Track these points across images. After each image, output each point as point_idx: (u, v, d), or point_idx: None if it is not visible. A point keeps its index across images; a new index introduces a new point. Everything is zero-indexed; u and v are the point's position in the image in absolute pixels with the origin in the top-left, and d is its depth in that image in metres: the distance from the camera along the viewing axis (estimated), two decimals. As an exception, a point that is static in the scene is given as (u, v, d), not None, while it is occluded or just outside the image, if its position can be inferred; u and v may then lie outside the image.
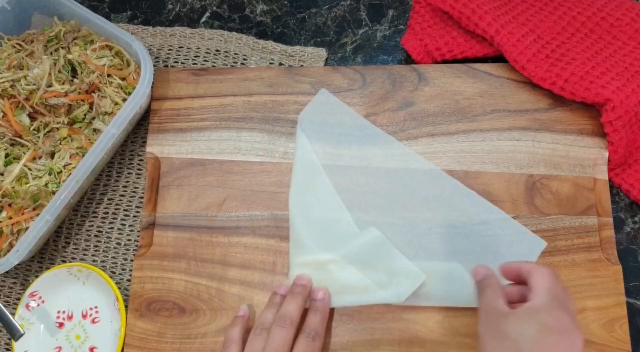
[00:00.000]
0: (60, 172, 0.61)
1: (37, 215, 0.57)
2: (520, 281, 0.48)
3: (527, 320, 0.42)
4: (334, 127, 0.61)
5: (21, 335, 0.58)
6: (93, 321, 0.61)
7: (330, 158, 0.61)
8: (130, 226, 0.64)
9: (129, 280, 0.62)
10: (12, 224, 0.59)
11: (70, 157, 0.61)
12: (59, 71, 0.62)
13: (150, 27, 0.70)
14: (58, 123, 0.62)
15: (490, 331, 0.44)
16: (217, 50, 0.68)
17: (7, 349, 0.62)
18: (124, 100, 0.62)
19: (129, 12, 0.72)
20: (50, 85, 0.62)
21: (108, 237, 0.64)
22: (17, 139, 0.62)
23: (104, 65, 0.62)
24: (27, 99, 0.62)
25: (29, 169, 0.61)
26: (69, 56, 0.63)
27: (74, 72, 0.64)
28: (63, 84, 0.62)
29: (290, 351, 0.49)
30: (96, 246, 0.64)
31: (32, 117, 0.63)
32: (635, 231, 0.60)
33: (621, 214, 0.60)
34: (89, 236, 0.64)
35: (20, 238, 0.58)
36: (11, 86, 0.62)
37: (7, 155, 0.62)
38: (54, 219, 0.57)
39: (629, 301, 0.57)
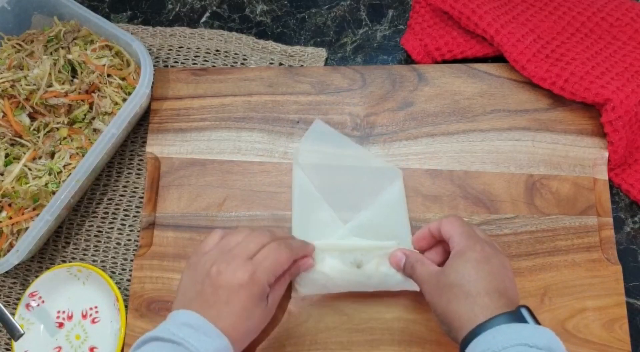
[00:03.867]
0: (60, 172, 0.61)
1: (37, 215, 0.57)
2: (434, 243, 0.53)
3: (461, 264, 0.46)
4: (331, 158, 0.60)
5: (21, 335, 0.58)
6: (93, 321, 0.61)
7: (327, 158, 0.60)
8: (130, 226, 0.64)
9: (129, 280, 0.62)
10: (12, 224, 0.59)
11: (70, 157, 0.61)
12: (59, 71, 0.62)
13: (150, 27, 0.70)
14: (58, 123, 0.62)
15: (437, 293, 0.47)
16: (217, 50, 0.68)
17: (7, 349, 0.62)
18: (124, 100, 0.62)
19: (129, 12, 0.72)
20: (50, 86, 0.62)
21: (108, 237, 0.64)
22: (17, 139, 0.62)
23: (104, 65, 0.62)
24: (27, 99, 0.62)
25: (29, 169, 0.61)
26: (69, 56, 0.63)
27: (74, 72, 0.64)
28: (63, 84, 0.62)
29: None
30: (96, 246, 0.64)
31: (32, 117, 0.63)
32: (635, 231, 0.60)
33: (621, 214, 0.60)
34: (89, 236, 0.64)
35: (20, 238, 0.58)
36: (11, 86, 0.62)
37: (7, 155, 0.62)
38: (54, 219, 0.57)
39: (629, 301, 0.57)
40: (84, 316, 0.61)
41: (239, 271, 0.47)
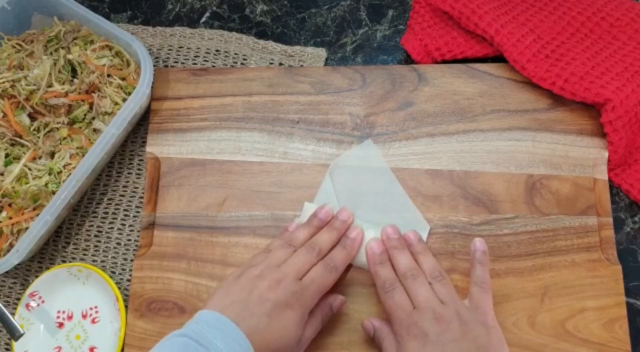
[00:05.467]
0: (60, 172, 0.61)
1: (37, 215, 0.57)
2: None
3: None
4: (365, 186, 0.60)
5: (21, 335, 0.58)
6: (93, 321, 0.61)
7: (360, 184, 0.60)
8: (130, 226, 0.64)
9: (129, 280, 0.62)
10: (12, 224, 0.59)
11: (70, 157, 0.61)
12: (59, 71, 0.62)
13: (150, 27, 0.70)
14: (58, 123, 0.62)
15: None
16: (217, 50, 0.68)
17: (7, 349, 0.62)
18: (124, 100, 0.62)
19: (129, 12, 0.72)
20: (50, 86, 0.62)
21: (108, 237, 0.64)
22: (17, 139, 0.62)
23: (104, 65, 0.62)
24: (27, 99, 0.62)
25: (29, 169, 0.61)
26: (69, 56, 0.63)
27: (74, 72, 0.64)
28: (63, 84, 0.62)
29: (305, 274, 0.50)
30: (96, 246, 0.64)
31: (32, 117, 0.63)
32: (635, 231, 0.60)
33: (621, 214, 0.60)
34: (89, 236, 0.64)
35: (20, 238, 0.58)
36: (11, 86, 0.62)
37: (7, 155, 0.62)
38: (54, 219, 0.57)
39: (629, 301, 0.57)
40: (84, 316, 0.61)
41: (289, 290, 0.48)
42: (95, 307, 0.61)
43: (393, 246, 0.53)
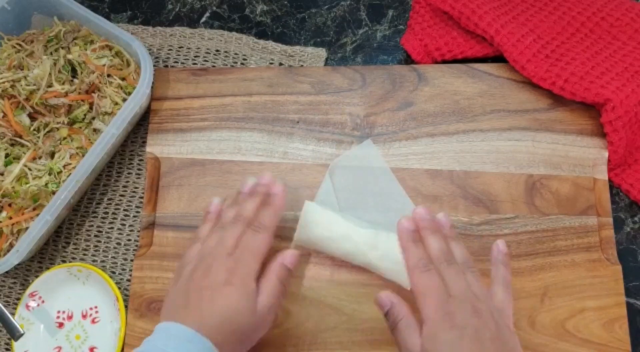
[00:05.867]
0: (60, 172, 0.61)
1: (37, 215, 0.57)
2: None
3: (440, 343, 0.43)
4: (364, 185, 0.59)
5: (21, 335, 0.58)
6: (93, 321, 0.61)
7: (360, 184, 0.60)
8: (130, 226, 0.64)
9: (129, 280, 0.62)
10: (12, 224, 0.59)
11: (70, 157, 0.61)
12: (59, 71, 0.62)
13: (150, 27, 0.70)
14: (58, 123, 0.62)
15: None
16: (217, 50, 0.68)
17: (7, 349, 0.62)
18: (124, 100, 0.62)
19: (129, 12, 0.72)
20: (50, 86, 0.62)
21: (108, 237, 0.64)
22: (17, 139, 0.62)
23: (104, 65, 0.62)
24: (27, 99, 0.62)
25: (29, 169, 0.61)
26: (69, 56, 0.63)
27: (74, 72, 0.64)
28: (63, 84, 0.62)
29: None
30: (96, 246, 0.64)
31: (32, 117, 0.63)
32: (635, 231, 0.60)
33: (621, 214, 0.60)
34: (89, 236, 0.64)
35: (20, 238, 0.58)
36: (11, 86, 0.62)
37: (7, 156, 0.62)
38: (54, 219, 0.57)
39: (628, 301, 0.57)
40: (84, 316, 0.61)
41: (221, 268, 0.47)
42: (95, 307, 0.61)
43: (425, 226, 0.50)
